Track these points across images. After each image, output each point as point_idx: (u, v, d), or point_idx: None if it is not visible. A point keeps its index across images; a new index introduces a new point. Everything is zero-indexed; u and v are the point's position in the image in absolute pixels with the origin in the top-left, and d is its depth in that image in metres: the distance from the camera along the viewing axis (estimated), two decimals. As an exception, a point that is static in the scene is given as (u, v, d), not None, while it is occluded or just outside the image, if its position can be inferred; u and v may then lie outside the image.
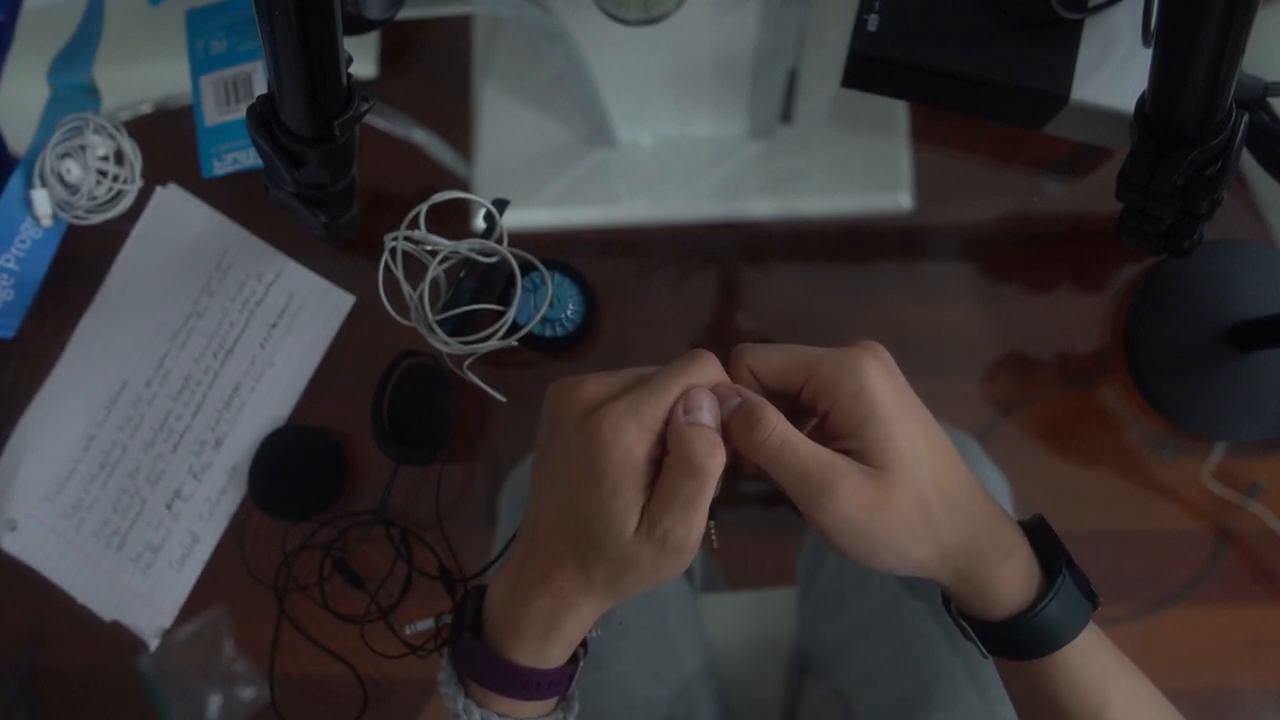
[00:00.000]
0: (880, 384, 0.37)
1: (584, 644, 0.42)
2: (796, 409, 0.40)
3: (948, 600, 0.41)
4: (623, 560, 0.37)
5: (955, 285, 0.62)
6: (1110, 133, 0.58)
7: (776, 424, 0.36)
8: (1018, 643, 0.38)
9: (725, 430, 0.37)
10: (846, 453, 0.37)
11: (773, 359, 0.39)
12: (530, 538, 0.40)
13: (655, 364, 0.40)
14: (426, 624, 0.54)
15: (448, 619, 0.52)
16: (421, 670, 0.60)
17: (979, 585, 0.38)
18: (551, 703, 0.42)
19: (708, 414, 0.37)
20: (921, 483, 0.37)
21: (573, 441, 0.38)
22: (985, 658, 0.40)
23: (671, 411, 0.37)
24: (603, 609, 0.40)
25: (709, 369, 0.38)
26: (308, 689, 0.62)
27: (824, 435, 0.38)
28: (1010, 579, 0.38)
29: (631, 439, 0.36)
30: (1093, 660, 0.39)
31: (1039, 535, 0.40)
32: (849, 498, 0.35)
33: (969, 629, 0.40)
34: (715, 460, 0.36)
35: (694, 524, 0.36)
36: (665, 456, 0.37)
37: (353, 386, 0.62)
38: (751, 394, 0.38)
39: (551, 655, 0.40)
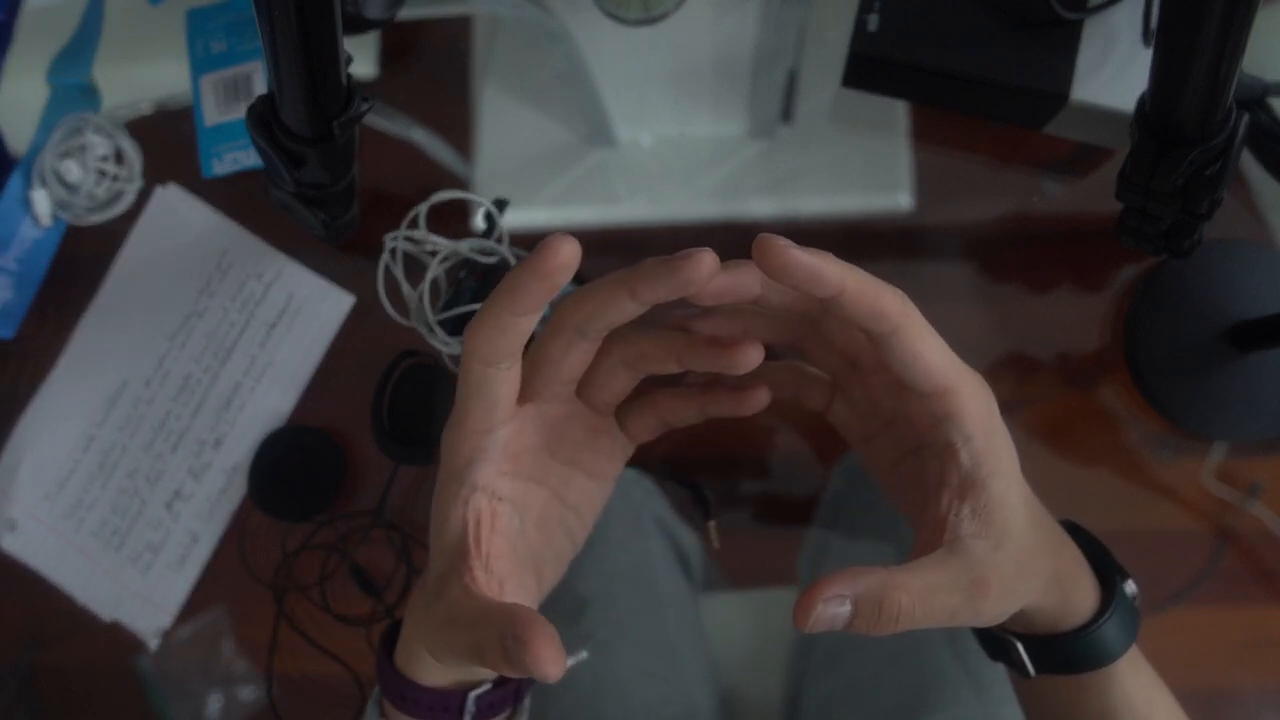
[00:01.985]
0: (1001, 424, 0.33)
1: (508, 687, 0.38)
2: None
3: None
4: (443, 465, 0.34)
5: (955, 285, 0.62)
6: (1110, 133, 0.58)
7: (913, 601, 0.30)
8: (1080, 656, 0.36)
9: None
10: (949, 484, 0.33)
11: (929, 341, 0.33)
12: None
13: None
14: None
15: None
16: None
17: (1065, 604, 0.36)
18: None
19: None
20: (1028, 531, 0.34)
21: None
22: (1029, 677, 0.38)
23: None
24: (426, 621, 0.35)
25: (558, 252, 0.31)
26: (307, 689, 0.62)
27: (921, 470, 0.34)
28: (1087, 589, 0.36)
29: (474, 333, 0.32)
30: (1141, 673, 0.38)
31: (1076, 537, 0.39)
32: (996, 601, 0.32)
33: (1019, 647, 0.37)
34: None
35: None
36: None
37: (353, 386, 0.62)
38: (869, 582, 0.30)
39: (416, 670, 0.36)
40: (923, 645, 0.55)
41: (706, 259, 0.30)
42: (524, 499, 0.36)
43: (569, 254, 0.31)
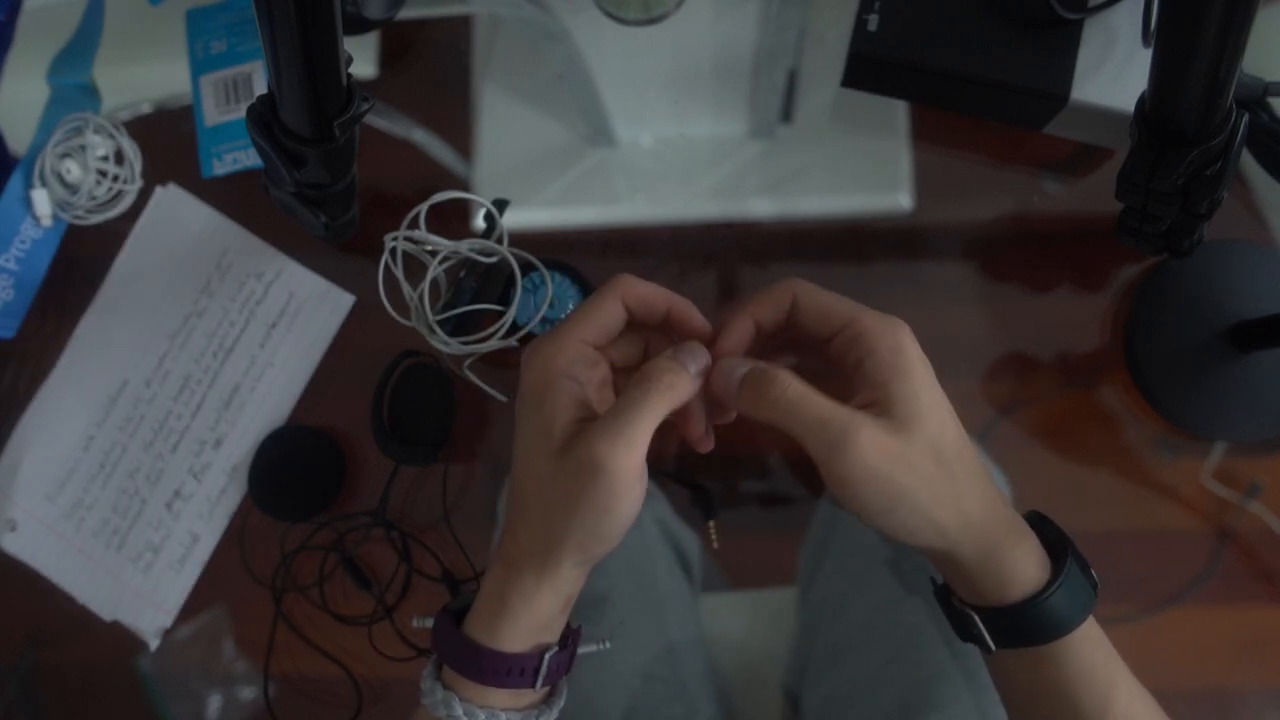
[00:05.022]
0: (916, 347, 0.37)
1: (568, 649, 0.41)
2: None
3: (947, 594, 0.41)
4: (542, 493, 0.37)
5: (955, 285, 0.62)
6: (1110, 133, 0.58)
7: (791, 380, 0.37)
8: (1032, 626, 0.38)
9: (735, 393, 0.38)
10: (867, 408, 0.37)
11: (822, 298, 0.39)
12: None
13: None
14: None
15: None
16: (418, 672, 0.60)
17: (998, 563, 0.37)
18: (523, 699, 0.41)
19: (691, 361, 0.38)
20: (945, 445, 0.36)
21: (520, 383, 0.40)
22: (990, 651, 0.39)
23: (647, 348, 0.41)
24: (546, 581, 0.39)
25: (627, 287, 0.40)
26: (305, 689, 0.62)
27: (842, 394, 0.38)
28: (1028, 557, 0.38)
29: (549, 350, 0.38)
30: (1099, 647, 0.39)
31: (1039, 526, 0.40)
32: (870, 444, 0.35)
33: (977, 619, 0.39)
34: (671, 376, 0.37)
35: (620, 437, 0.36)
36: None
37: (353, 386, 0.62)
38: (759, 362, 0.38)
39: (503, 635, 0.39)
40: (923, 645, 0.55)
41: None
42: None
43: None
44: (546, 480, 0.38)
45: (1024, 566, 0.38)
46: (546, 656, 0.40)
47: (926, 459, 0.36)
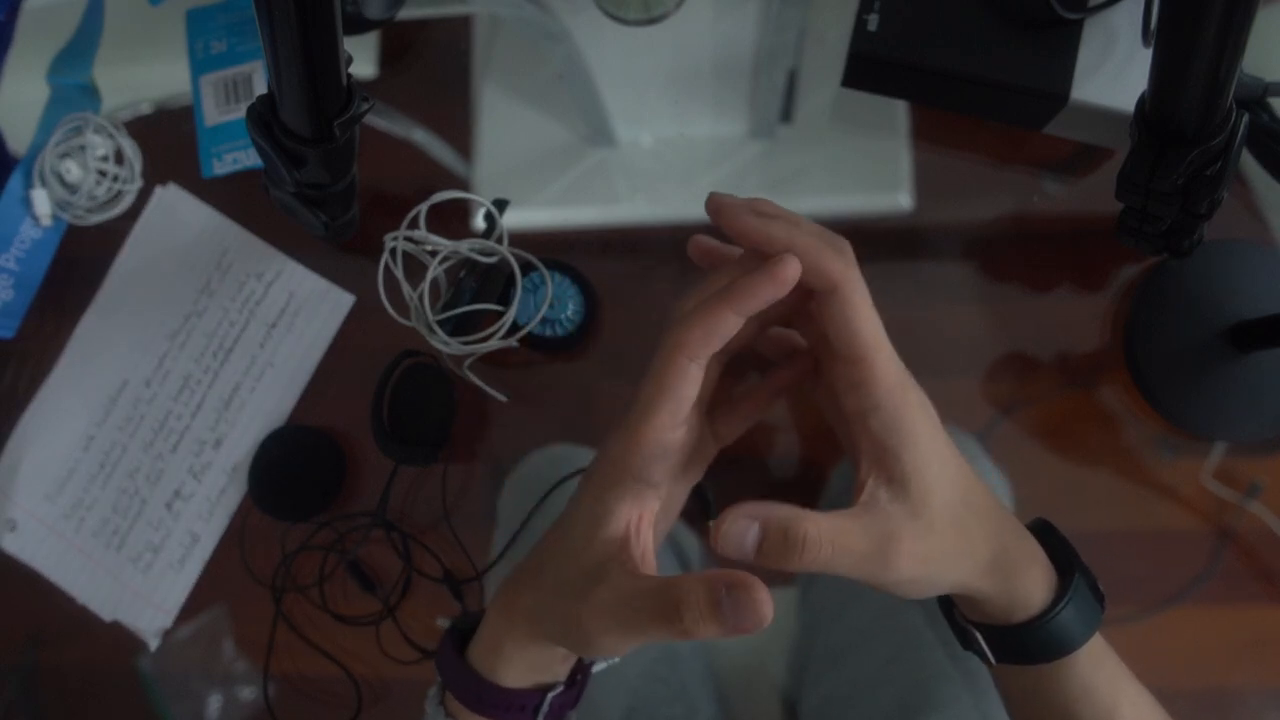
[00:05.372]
0: (919, 395, 0.36)
1: (577, 686, 0.41)
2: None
3: (950, 605, 0.41)
4: (564, 576, 0.37)
5: (955, 285, 0.62)
6: (1110, 133, 0.58)
7: (820, 533, 0.33)
8: (1036, 646, 0.37)
9: (753, 557, 0.34)
10: (877, 474, 0.35)
11: (860, 321, 0.35)
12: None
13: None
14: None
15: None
16: (418, 673, 0.60)
17: (1011, 593, 0.37)
18: None
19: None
20: (956, 506, 0.36)
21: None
22: (991, 665, 0.40)
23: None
24: (543, 644, 0.38)
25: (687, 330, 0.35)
26: (305, 689, 0.62)
27: (843, 417, 0.37)
28: (1036, 580, 0.37)
29: (622, 448, 0.36)
30: (1103, 666, 0.38)
31: (1045, 537, 0.40)
32: (910, 560, 0.34)
33: (979, 636, 0.39)
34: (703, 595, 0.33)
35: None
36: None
37: (353, 386, 0.62)
38: (779, 513, 0.33)
39: (500, 673, 0.39)
40: (922, 646, 0.55)
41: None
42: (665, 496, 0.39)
43: (795, 271, 0.34)
44: (575, 562, 0.37)
45: (1032, 589, 0.37)
46: (549, 696, 0.39)
47: (948, 533, 0.35)
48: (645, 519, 0.37)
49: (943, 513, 0.35)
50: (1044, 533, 0.40)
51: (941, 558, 0.35)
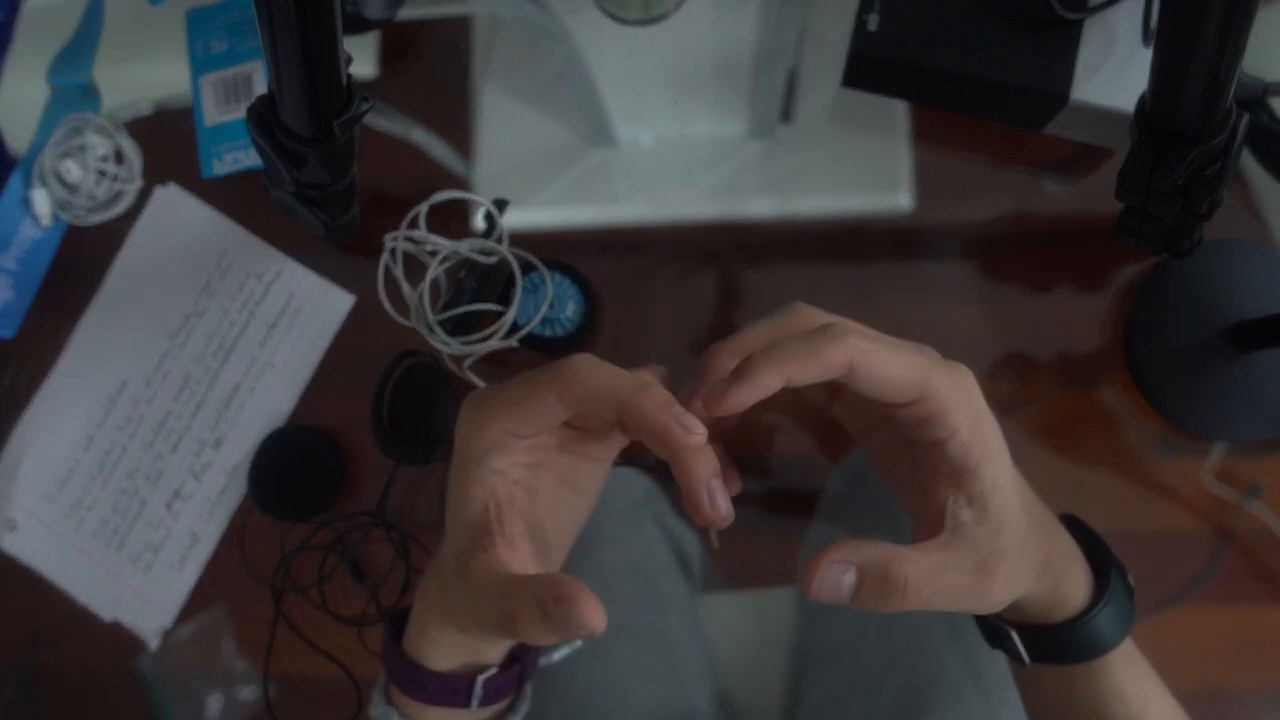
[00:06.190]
0: (982, 401, 0.34)
1: (513, 669, 0.39)
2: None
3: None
4: (443, 567, 0.36)
5: (955, 285, 0.62)
6: (1110, 133, 0.58)
7: (920, 575, 0.32)
8: (1074, 646, 0.37)
9: (847, 600, 0.32)
10: (956, 492, 0.34)
11: (888, 367, 0.32)
12: None
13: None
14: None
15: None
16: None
17: (1057, 592, 0.37)
18: (464, 718, 0.39)
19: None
20: (1020, 515, 0.35)
21: None
22: (1025, 665, 0.39)
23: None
24: (448, 627, 0.37)
25: (568, 386, 0.34)
26: (305, 689, 0.62)
27: (916, 463, 0.35)
28: (1079, 580, 0.37)
29: (468, 429, 0.35)
30: (1134, 665, 0.38)
31: (1077, 533, 0.39)
32: (1003, 586, 0.34)
33: (1014, 634, 0.38)
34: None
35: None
36: None
37: (353, 386, 0.62)
38: (874, 554, 0.32)
39: (427, 655, 0.38)
40: (924, 644, 0.55)
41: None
42: (535, 482, 0.38)
43: (696, 442, 0.32)
44: (451, 544, 0.36)
45: (1073, 589, 0.37)
46: (480, 679, 0.38)
47: (1021, 546, 0.34)
48: (505, 503, 0.36)
49: (1017, 527, 0.34)
50: (1075, 528, 0.40)
51: (1020, 572, 0.35)
